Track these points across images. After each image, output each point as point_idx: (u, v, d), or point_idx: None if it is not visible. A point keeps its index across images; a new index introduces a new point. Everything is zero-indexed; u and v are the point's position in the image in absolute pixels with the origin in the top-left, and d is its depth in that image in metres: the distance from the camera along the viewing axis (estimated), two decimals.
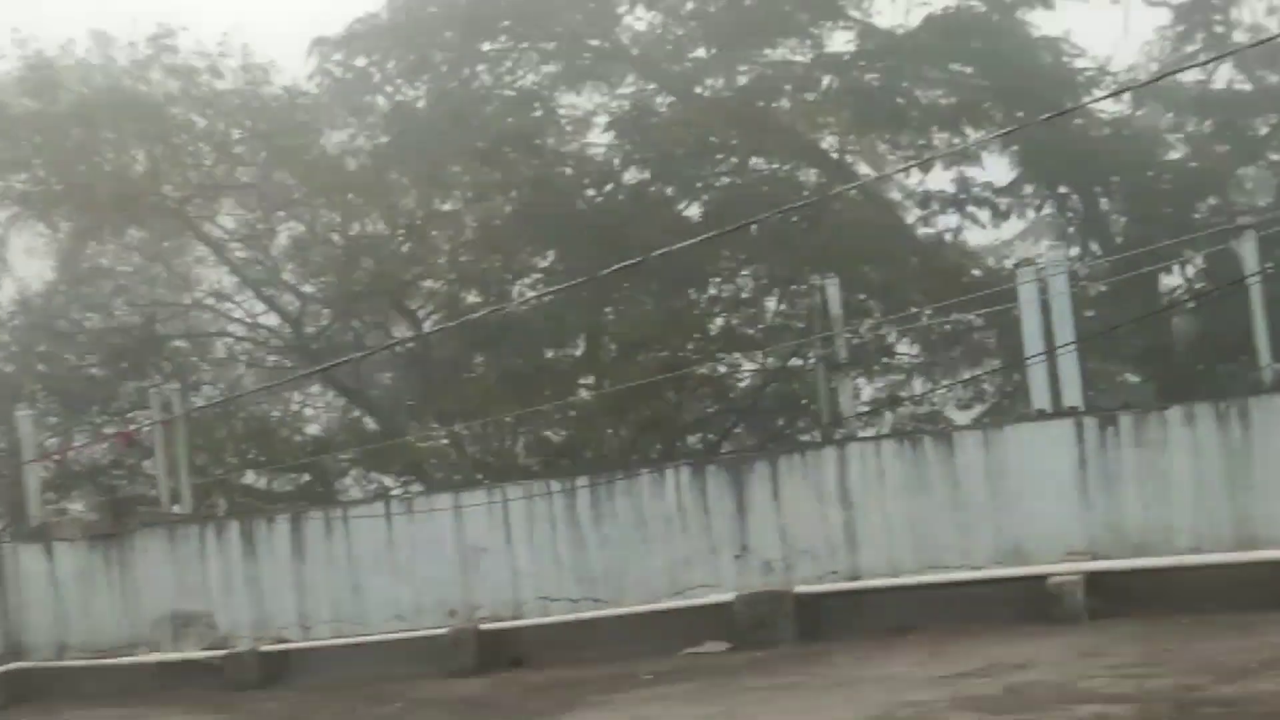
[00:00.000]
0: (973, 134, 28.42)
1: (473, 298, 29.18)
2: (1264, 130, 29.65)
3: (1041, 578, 16.98)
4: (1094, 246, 27.80)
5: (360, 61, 31.55)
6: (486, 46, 31.71)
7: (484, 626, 19.64)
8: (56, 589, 21.90)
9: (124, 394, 29.43)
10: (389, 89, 31.90)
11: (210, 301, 30.85)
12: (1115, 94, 27.78)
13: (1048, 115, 19.19)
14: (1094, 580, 16.80)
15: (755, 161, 30.12)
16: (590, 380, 28.04)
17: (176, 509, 22.36)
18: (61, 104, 29.54)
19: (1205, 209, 27.31)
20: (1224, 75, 30.20)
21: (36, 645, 21.92)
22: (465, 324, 24.12)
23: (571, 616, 19.49)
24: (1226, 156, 29.04)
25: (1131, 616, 16.29)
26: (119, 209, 28.70)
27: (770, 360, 26.48)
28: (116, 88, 29.79)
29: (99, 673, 21.19)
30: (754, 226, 23.52)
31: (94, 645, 21.60)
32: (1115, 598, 16.69)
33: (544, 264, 29.95)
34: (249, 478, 28.69)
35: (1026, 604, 17.01)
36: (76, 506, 23.91)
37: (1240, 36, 29.55)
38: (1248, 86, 30.17)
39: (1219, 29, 29.50)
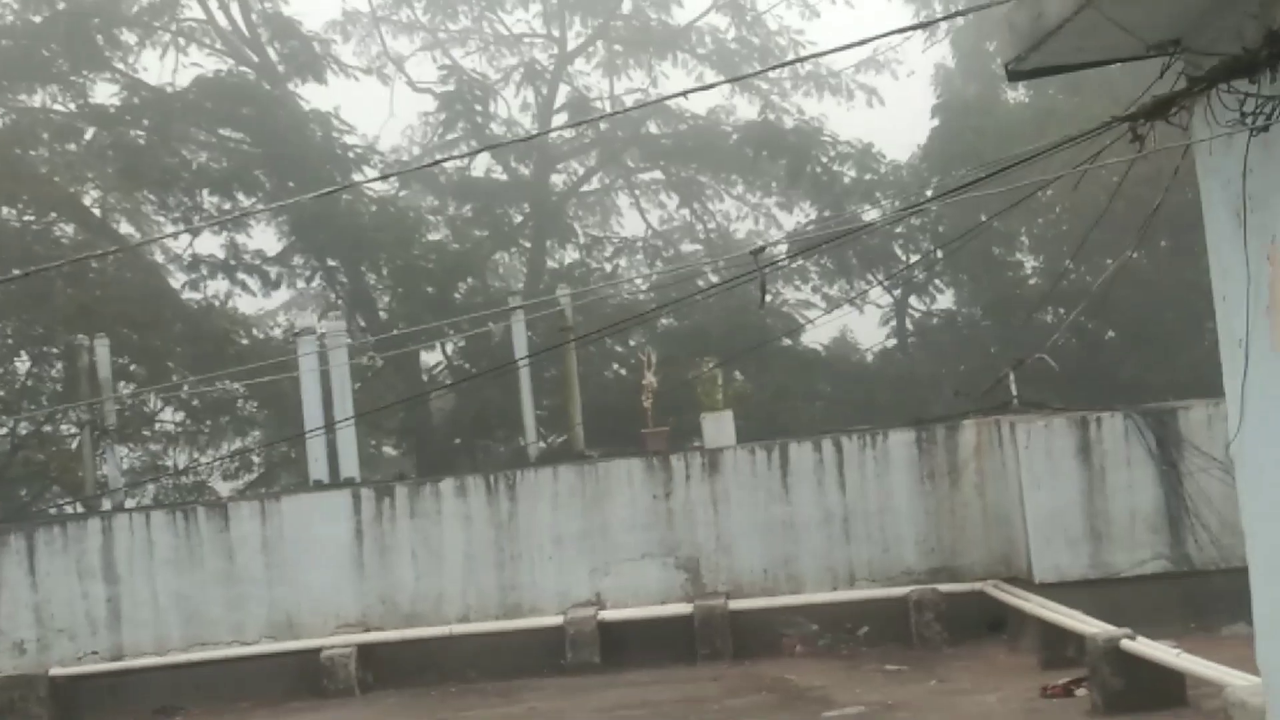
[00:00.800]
0: (244, 200, 28.22)
1: None
2: (518, 218, 31.70)
3: (315, 651, 17.02)
4: (360, 320, 28.39)
5: None
6: None
7: None
8: None
9: None
10: None
11: None
12: (387, 176, 28.66)
13: (324, 191, 19.41)
14: (366, 652, 17.06)
15: (7, 212, 28.12)
16: None
17: None
18: None
19: (465, 289, 28.68)
20: (482, 163, 32.07)
21: None
22: None
23: None
24: (484, 241, 30.77)
25: (403, 687, 16.71)
26: None
27: (21, 425, 24.70)
28: None
29: None
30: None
31: None
32: (387, 669, 17.06)
33: None
34: None
35: (300, 678, 17.02)
36: None
37: (497, 128, 31.53)
38: (504, 176, 32.17)
39: (479, 119, 31.23)
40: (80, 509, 19.51)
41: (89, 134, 29.20)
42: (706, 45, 33.02)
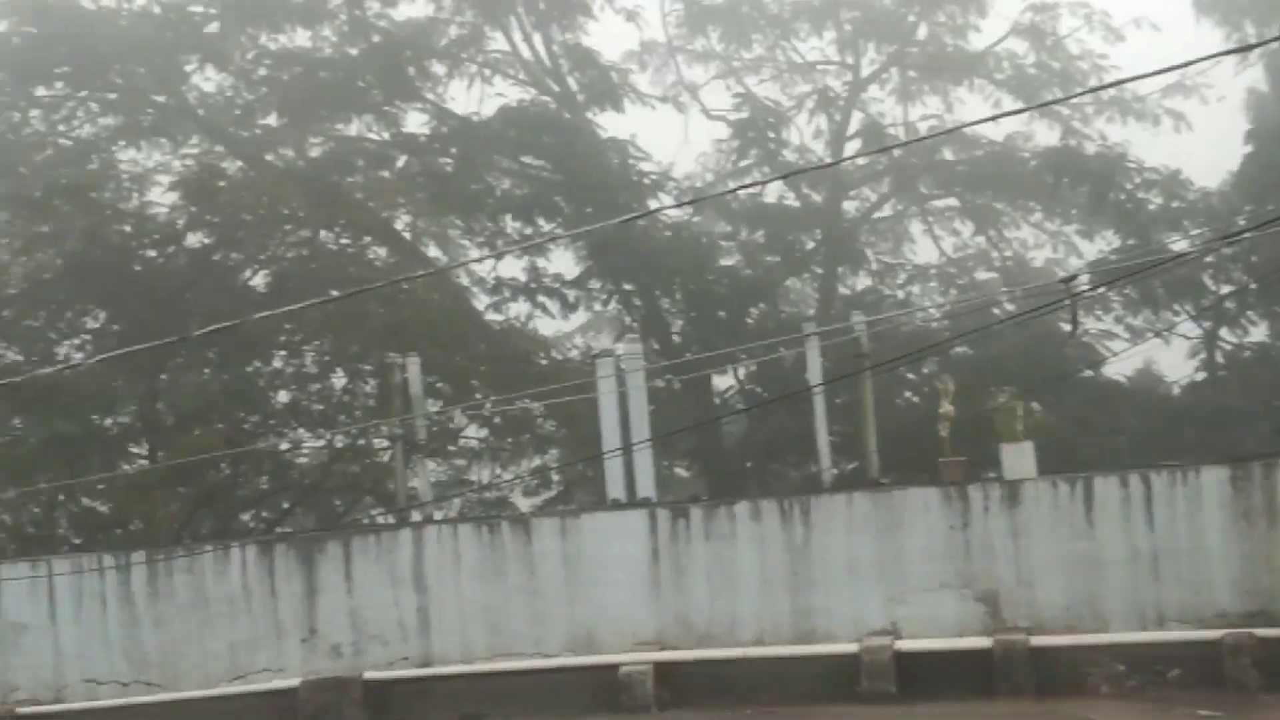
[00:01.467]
0: (544, 225, 29.09)
1: (14, 355, 27.25)
2: (810, 244, 31.77)
3: (613, 667, 17.35)
4: (654, 344, 28.90)
5: None
6: (41, 92, 29.96)
7: (21, 710, 18.23)
8: None
9: None
10: None
11: None
12: (684, 205, 29.16)
13: (623, 219, 20.01)
14: (663, 670, 17.31)
15: (325, 235, 29.64)
16: (143, 449, 26.64)
17: None
18: None
19: (756, 314, 28.90)
20: (774, 190, 32.30)
21: None
22: (8, 384, 22.47)
23: (120, 701, 18.40)
24: (776, 266, 30.92)
25: (698, 707, 16.89)
26: None
27: (337, 439, 25.95)
28: None
29: None
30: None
31: None
32: (683, 688, 17.26)
33: (95, 324, 28.32)
34: None
35: (598, 693, 17.35)
36: None
37: (789, 155, 31.71)
38: (796, 202, 32.31)
39: (771, 145, 31.47)
40: (392, 520, 20.35)
41: (400, 161, 30.60)
42: (1004, 70, 32.47)
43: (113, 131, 30.18)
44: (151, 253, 28.45)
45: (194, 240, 28.97)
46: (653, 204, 29.10)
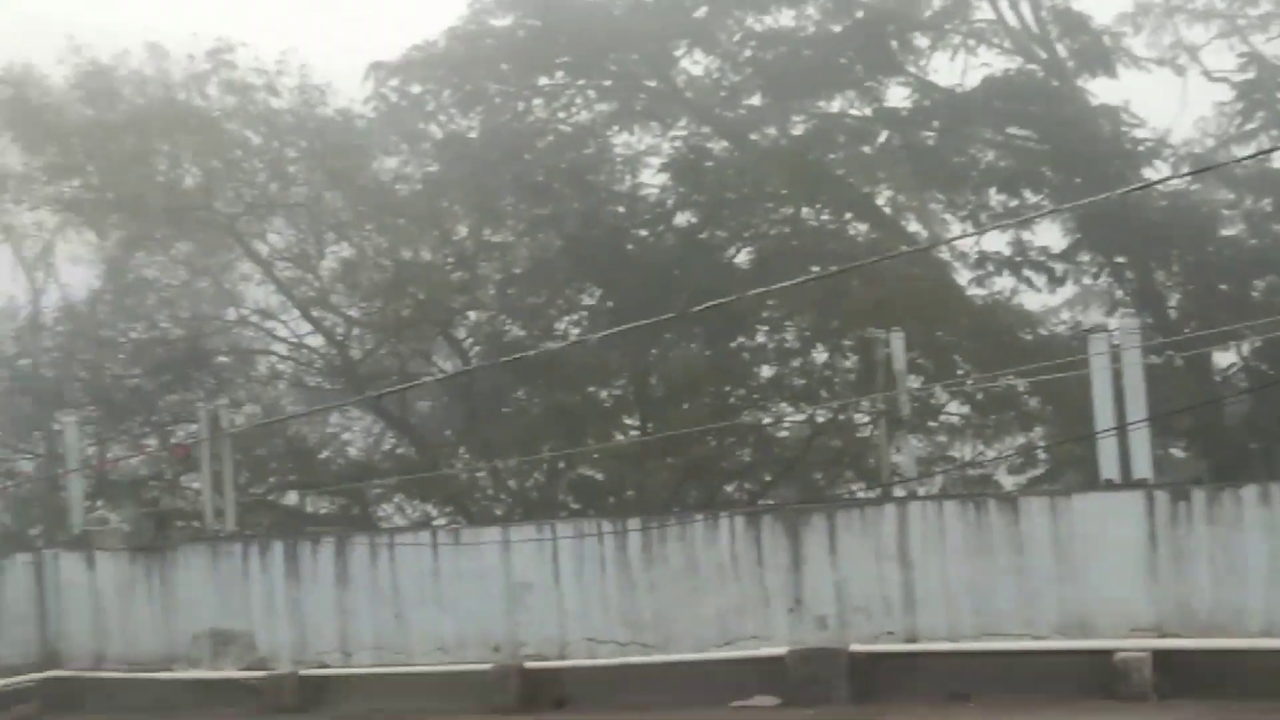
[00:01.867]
0: (1030, 197, 28.33)
1: (517, 330, 29.04)
2: None
3: (1107, 652, 16.68)
4: (1148, 318, 27.60)
5: (415, 88, 31.52)
6: (542, 81, 31.72)
7: (528, 664, 19.36)
8: (96, 599, 21.60)
9: (165, 406, 29.24)
10: (443, 117, 31.84)
11: (255, 319, 30.64)
12: (1193, 174, 27.68)
13: (1123, 190, 19.09)
14: (1162, 658, 16.51)
15: (806, 212, 29.99)
16: (634, 420, 27.83)
17: (218, 526, 22.11)
18: (117, 112, 29.51)
19: (1262, 287, 27.13)
20: None
21: (74, 654, 21.63)
22: (511, 358, 23.97)
23: (618, 660, 19.19)
24: None
25: (1200, 698, 16.02)
26: (169, 221, 28.65)
27: (818, 414, 26.24)
28: (172, 100, 29.80)
29: (136, 685, 20.89)
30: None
31: (131, 657, 21.30)
32: (1185, 678, 16.41)
33: (590, 301, 29.81)
34: (288, 498, 28.44)
35: (1090, 678, 16.71)
36: (113, 517, 23.59)
37: None
38: None
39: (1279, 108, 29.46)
40: (875, 495, 20.35)
41: (882, 136, 30.53)
42: None
43: (607, 117, 31.61)
44: (642, 232, 29.68)
45: (682, 219, 30.03)
46: (1148, 174, 27.82)
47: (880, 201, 30.39)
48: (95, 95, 29.69)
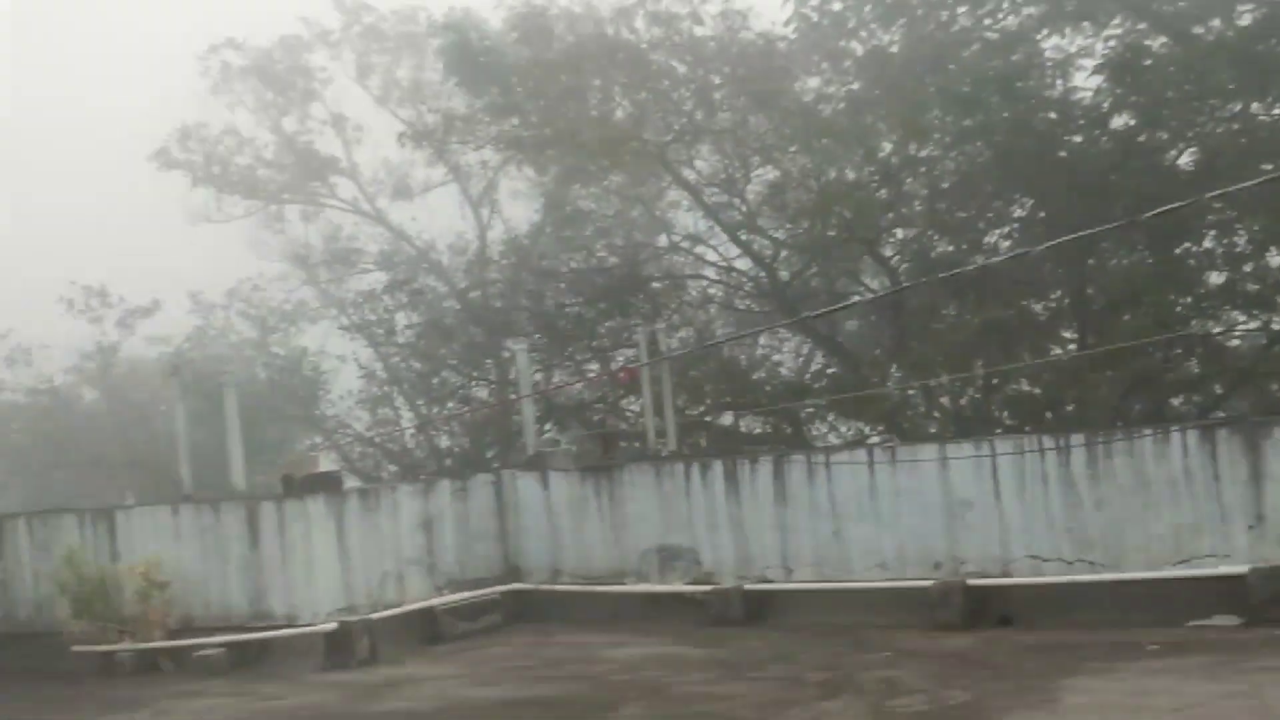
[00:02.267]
0: None
1: (945, 246, 28.54)
2: None
3: None
4: None
5: (836, 6, 31.19)
6: None
7: (971, 581, 19.19)
8: (550, 516, 22.85)
9: (604, 332, 30.40)
10: (864, 34, 31.41)
11: (685, 245, 31.37)
12: None
13: None
14: None
15: (1256, 108, 28.01)
16: (1072, 334, 26.92)
17: (660, 446, 22.85)
18: (551, 51, 30.61)
19: None
20: None
21: (532, 568, 23.00)
22: (943, 274, 23.60)
23: (1065, 578, 18.77)
24: None
25: None
26: (602, 153, 29.54)
27: (1275, 320, 24.62)
28: (602, 35, 30.67)
29: (589, 599, 22.02)
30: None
31: (584, 572, 22.47)
32: None
33: (1021, 213, 28.92)
34: (724, 419, 29.10)
35: None
36: (563, 439, 24.76)
37: None
38: None
39: None
40: None
41: None
42: None
43: (1036, 20, 30.35)
44: (1076, 138, 28.45)
45: (1118, 123, 28.60)
46: None
47: None
48: (530, 35, 30.88)
